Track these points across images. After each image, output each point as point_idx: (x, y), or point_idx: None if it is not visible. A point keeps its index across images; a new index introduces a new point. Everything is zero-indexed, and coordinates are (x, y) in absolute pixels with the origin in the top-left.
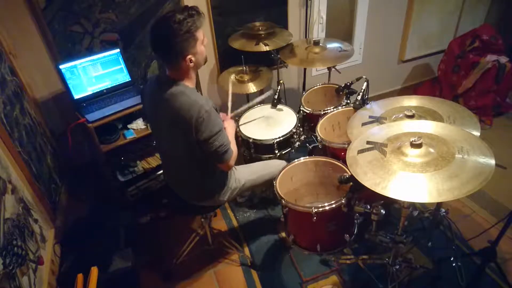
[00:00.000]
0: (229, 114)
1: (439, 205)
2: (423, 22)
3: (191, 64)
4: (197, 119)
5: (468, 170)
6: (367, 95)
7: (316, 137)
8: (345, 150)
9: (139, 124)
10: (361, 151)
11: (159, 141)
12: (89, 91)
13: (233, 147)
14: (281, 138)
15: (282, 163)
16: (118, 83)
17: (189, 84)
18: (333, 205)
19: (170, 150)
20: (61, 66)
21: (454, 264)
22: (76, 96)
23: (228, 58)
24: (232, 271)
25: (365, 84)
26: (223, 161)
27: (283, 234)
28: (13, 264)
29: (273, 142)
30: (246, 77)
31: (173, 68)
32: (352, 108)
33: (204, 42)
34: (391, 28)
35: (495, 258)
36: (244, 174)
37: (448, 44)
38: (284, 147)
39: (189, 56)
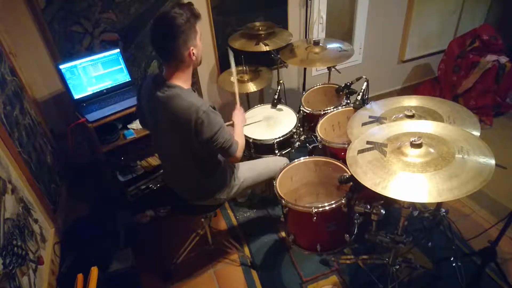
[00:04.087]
0: (238, 103)
1: (439, 205)
2: (423, 22)
3: (193, 58)
4: (196, 121)
5: (468, 170)
6: (367, 95)
7: (316, 137)
8: (345, 150)
9: (139, 124)
10: (361, 151)
11: (158, 142)
12: (89, 91)
13: (239, 138)
14: (281, 138)
15: (282, 160)
16: (118, 83)
17: (184, 85)
18: (333, 205)
19: (169, 150)
20: (61, 66)
21: (454, 264)
22: (76, 96)
23: (228, 58)
24: (232, 271)
25: (365, 84)
26: (230, 155)
27: (283, 234)
28: (13, 264)
29: (273, 142)
30: (246, 77)
31: (173, 64)
32: (352, 108)
33: (200, 39)
34: (391, 28)
35: (495, 258)
36: (243, 172)
37: (448, 44)
38: (284, 147)
39: (192, 48)
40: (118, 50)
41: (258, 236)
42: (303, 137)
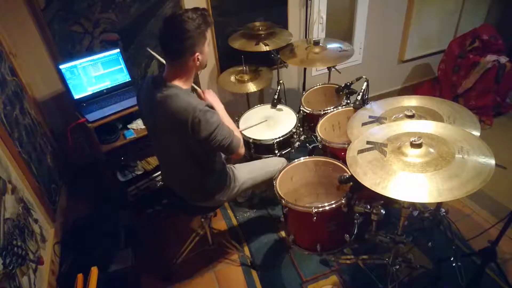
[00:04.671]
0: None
1: (439, 205)
2: (423, 22)
3: (197, 63)
4: (193, 120)
5: (468, 170)
6: (367, 95)
7: (316, 137)
8: (345, 150)
9: (139, 124)
10: (361, 151)
11: (157, 143)
12: (89, 91)
13: (237, 133)
14: (281, 138)
15: (281, 161)
16: (118, 83)
17: (184, 85)
18: (333, 205)
19: (168, 151)
20: (61, 66)
21: (454, 264)
22: (76, 96)
23: (228, 58)
24: (232, 271)
25: (365, 84)
26: (232, 151)
27: (283, 234)
28: (13, 264)
29: (273, 142)
30: (246, 77)
31: (177, 65)
32: (352, 108)
33: (208, 45)
34: (391, 28)
35: (495, 258)
36: (243, 173)
37: (448, 44)
38: (284, 147)
39: (197, 54)
40: (118, 50)
41: (258, 236)
42: (303, 137)
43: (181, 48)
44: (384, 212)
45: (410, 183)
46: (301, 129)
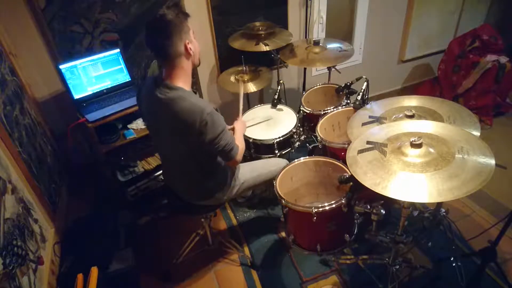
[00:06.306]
0: (240, 116)
1: (439, 205)
2: (423, 22)
3: (191, 52)
4: (201, 122)
5: (468, 170)
6: (367, 95)
7: (316, 137)
8: (345, 150)
9: (139, 124)
10: (361, 151)
11: (158, 143)
12: (89, 91)
13: (240, 143)
14: (281, 138)
15: (282, 161)
16: (118, 83)
17: (186, 86)
18: (333, 205)
19: (170, 151)
20: (61, 66)
21: (454, 264)
22: (76, 96)
23: (228, 58)
24: (232, 271)
25: (365, 84)
26: (230, 158)
27: (283, 234)
28: (13, 264)
29: (273, 142)
30: (246, 77)
31: (172, 62)
32: (352, 108)
33: (194, 37)
34: (391, 28)
35: (495, 258)
36: (244, 173)
37: (448, 44)
38: (284, 147)
39: (187, 41)
40: (118, 50)
41: (258, 236)
42: (303, 137)
43: (171, 41)
44: (384, 212)
45: (410, 183)
46: (301, 129)
